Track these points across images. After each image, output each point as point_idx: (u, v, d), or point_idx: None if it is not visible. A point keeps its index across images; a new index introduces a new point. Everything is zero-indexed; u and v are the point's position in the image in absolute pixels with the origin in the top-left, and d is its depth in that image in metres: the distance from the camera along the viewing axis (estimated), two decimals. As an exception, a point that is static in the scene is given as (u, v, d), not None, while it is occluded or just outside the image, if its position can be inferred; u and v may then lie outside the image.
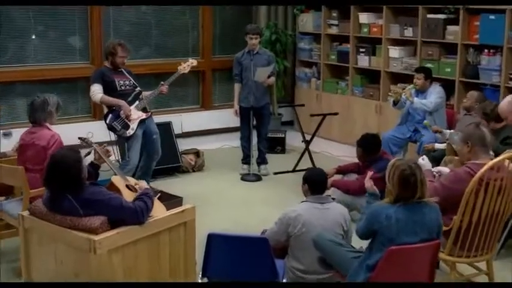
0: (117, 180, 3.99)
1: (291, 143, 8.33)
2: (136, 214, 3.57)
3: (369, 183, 4.09)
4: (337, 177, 5.91)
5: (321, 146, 8.05)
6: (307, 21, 8.94)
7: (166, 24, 8.53)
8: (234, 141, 7.88)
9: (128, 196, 3.86)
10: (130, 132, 5.92)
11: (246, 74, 6.86)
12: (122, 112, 5.88)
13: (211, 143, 8.37)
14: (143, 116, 6.05)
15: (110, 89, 5.93)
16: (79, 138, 4.38)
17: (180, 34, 8.66)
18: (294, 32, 9.10)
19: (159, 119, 7.51)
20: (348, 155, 7.75)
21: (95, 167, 4.21)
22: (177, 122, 8.26)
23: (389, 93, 7.93)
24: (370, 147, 5.58)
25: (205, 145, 8.08)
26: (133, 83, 6.12)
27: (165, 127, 7.07)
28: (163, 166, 6.89)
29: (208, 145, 8.18)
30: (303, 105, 7.33)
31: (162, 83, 6.19)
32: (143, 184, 4.11)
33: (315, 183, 4.25)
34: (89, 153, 4.23)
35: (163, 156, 6.73)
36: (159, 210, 3.83)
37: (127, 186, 4.03)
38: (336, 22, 8.54)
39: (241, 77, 6.92)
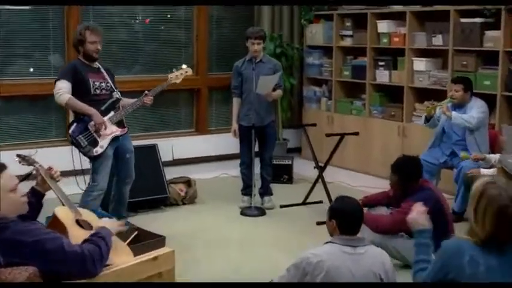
0: (64, 214, 2.80)
1: (299, 171, 7.16)
2: (84, 262, 2.43)
3: (417, 216, 2.91)
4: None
5: (334, 175, 6.86)
6: (316, 32, 7.85)
7: (158, 38, 7.53)
8: (233, 169, 6.69)
9: (77, 236, 2.68)
10: (98, 150, 4.73)
11: (246, 86, 5.71)
12: (91, 123, 4.70)
13: (207, 172, 7.27)
14: (117, 132, 4.87)
15: (81, 90, 4.74)
16: (17, 155, 3.20)
17: (172, 48, 7.62)
18: (301, 45, 8.04)
19: (143, 142, 6.43)
20: (367, 185, 6.69)
21: (37, 194, 3.02)
22: (167, 147, 7.22)
23: (415, 113, 6.79)
24: (409, 173, 4.42)
25: (199, 174, 7.01)
26: (111, 87, 4.94)
27: (149, 151, 5.91)
28: (146, 198, 5.71)
29: (203, 174, 7.10)
30: (314, 124, 6.17)
31: (146, 92, 5.03)
32: (104, 221, 2.92)
33: (347, 219, 3.09)
34: (28, 176, 3.05)
35: (146, 186, 5.60)
36: (121, 256, 2.63)
37: (77, 222, 2.83)
38: (349, 33, 7.46)
39: (241, 90, 5.77)
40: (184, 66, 5.19)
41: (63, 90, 4.64)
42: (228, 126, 5.79)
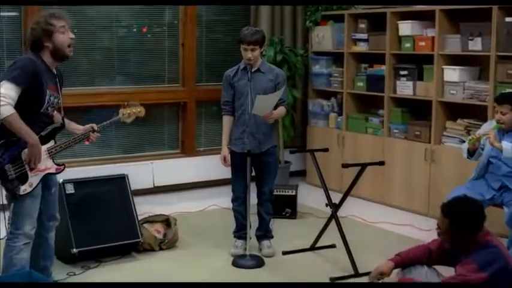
0: None
1: (304, 201, 5.96)
2: None
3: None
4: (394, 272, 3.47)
5: (345, 207, 5.60)
6: (324, 36, 6.66)
7: (138, 44, 6.41)
8: (225, 199, 5.45)
9: None
10: (26, 189, 3.50)
11: (241, 102, 4.50)
12: (26, 152, 3.48)
13: (193, 202, 6.13)
14: (52, 169, 3.65)
15: (30, 105, 3.49)
16: None
17: (154, 56, 6.51)
18: (306, 51, 6.86)
19: (112, 169, 5.35)
20: (388, 220, 5.60)
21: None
22: (147, 172, 6.22)
23: (445, 133, 5.58)
24: (469, 222, 3.18)
25: (183, 205, 5.92)
26: (58, 101, 3.71)
27: (117, 183, 4.68)
28: (111, 244, 4.48)
29: (188, 205, 5.98)
30: (326, 149, 4.93)
31: (93, 126, 3.82)
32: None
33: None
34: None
35: (112, 229, 4.44)
36: None
37: None
38: (364, 36, 6.29)
39: (234, 107, 4.56)
40: (136, 104, 4.02)
41: (7, 99, 3.36)
42: (220, 146, 4.62)
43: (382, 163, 4.54)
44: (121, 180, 4.68)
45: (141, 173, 6.12)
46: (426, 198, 5.69)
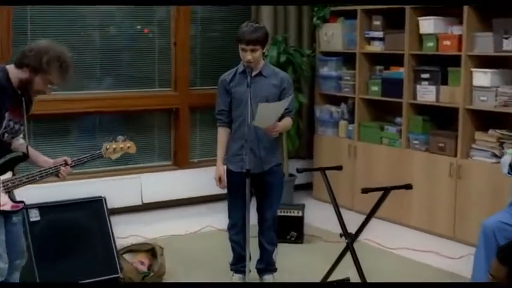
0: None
1: (311, 221, 5.27)
2: None
3: None
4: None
5: (357, 223, 4.90)
6: (333, 34, 5.97)
7: (126, 44, 5.74)
8: (221, 217, 4.64)
9: None
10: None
11: (239, 112, 3.79)
12: None
13: (186, 221, 5.45)
14: (7, 206, 2.98)
15: None
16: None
17: (144, 57, 5.84)
18: (313, 52, 6.16)
19: (93, 185, 4.89)
20: (408, 245, 4.89)
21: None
22: (134, 188, 5.59)
23: (474, 145, 4.87)
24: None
25: (175, 226, 5.24)
26: (20, 128, 3.04)
27: (92, 208, 3.97)
28: (86, 281, 3.76)
29: (180, 226, 5.27)
30: (339, 167, 4.17)
31: (66, 160, 3.15)
32: None
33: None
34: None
35: (86, 263, 3.71)
36: None
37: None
38: (380, 34, 5.61)
39: (231, 117, 3.84)
40: (124, 139, 3.35)
41: None
42: (215, 157, 3.93)
43: (409, 186, 3.81)
44: (97, 204, 3.98)
45: (127, 188, 5.51)
46: (451, 219, 4.99)
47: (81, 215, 3.92)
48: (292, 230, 4.96)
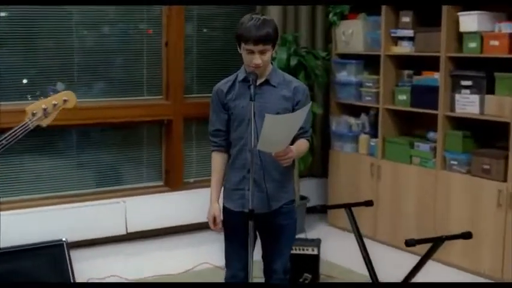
0: None
1: (327, 256, 4.43)
2: None
3: None
4: None
5: (385, 261, 4.06)
6: (353, 33, 5.12)
7: (112, 46, 4.94)
8: (220, 251, 3.74)
9: None
10: None
11: (239, 133, 2.91)
12: None
13: (179, 255, 4.67)
14: None
15: None
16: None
17: (131, 61, 5.04)
18: (329, 54, 5.31)
19: (65, 213, 4.45)
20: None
21: None
22: (117, 214, 4.79)
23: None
24: None
25: (165, 262, 4.42)
26: None
27: (52, 253, 3.12)
28: None
29: (173, 261, 4.48)
30: (369, 203, 3.26)
31: None
32: None
33: None
34: None
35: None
36: None
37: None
38: (409, 33, 4.77)
39: (228, 139, 2.95)
40: (55, 91, 2.44)
41: None
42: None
43: (468, 235, 2.94)
44: (57, 249, 3.11)
45: (109, 214, 4.72)
46: (499, 257, 4.13)
47: (39, 263, 3.08)
48: (305, 271, 4.06)
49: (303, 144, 2.92)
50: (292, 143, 2.83)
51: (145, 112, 5.01)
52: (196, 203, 4.73)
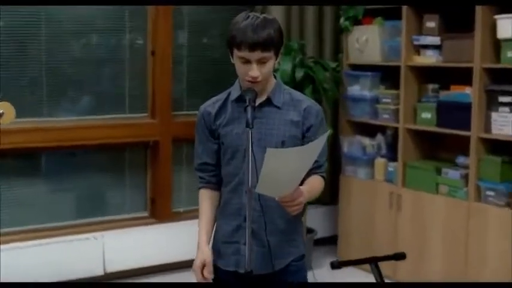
0: None
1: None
2: None
3: None
4: None
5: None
6: (368, 41, 4.52)
7: (89, 56, 4.40)
8: None
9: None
10: None
11: (232, 169, 2.25)
12: None
13: None
14: None
15: None
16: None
17: (115, 73, 4.53)
18: (339, 64, 4.72)
19: (35, 251, 4.02)
20: None
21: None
22: (93, 251, 4.29)
23: None
24: None
25: None
26: None
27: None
28: None
29: None
30: (402, 256, 2.64)
31: None
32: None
33: None
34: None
35: None
36: None
37: None
38: (435, 40, 4.20)
39: (219, 175, 2.27)
40: None
41: None
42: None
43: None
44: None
45: (84, 252, 4.19)
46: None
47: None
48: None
49: (317, 184, 2.24)
50: (303, 180, 2.15)
51: (128, 132, 4.48)
52: (186, 237, 4.20)
